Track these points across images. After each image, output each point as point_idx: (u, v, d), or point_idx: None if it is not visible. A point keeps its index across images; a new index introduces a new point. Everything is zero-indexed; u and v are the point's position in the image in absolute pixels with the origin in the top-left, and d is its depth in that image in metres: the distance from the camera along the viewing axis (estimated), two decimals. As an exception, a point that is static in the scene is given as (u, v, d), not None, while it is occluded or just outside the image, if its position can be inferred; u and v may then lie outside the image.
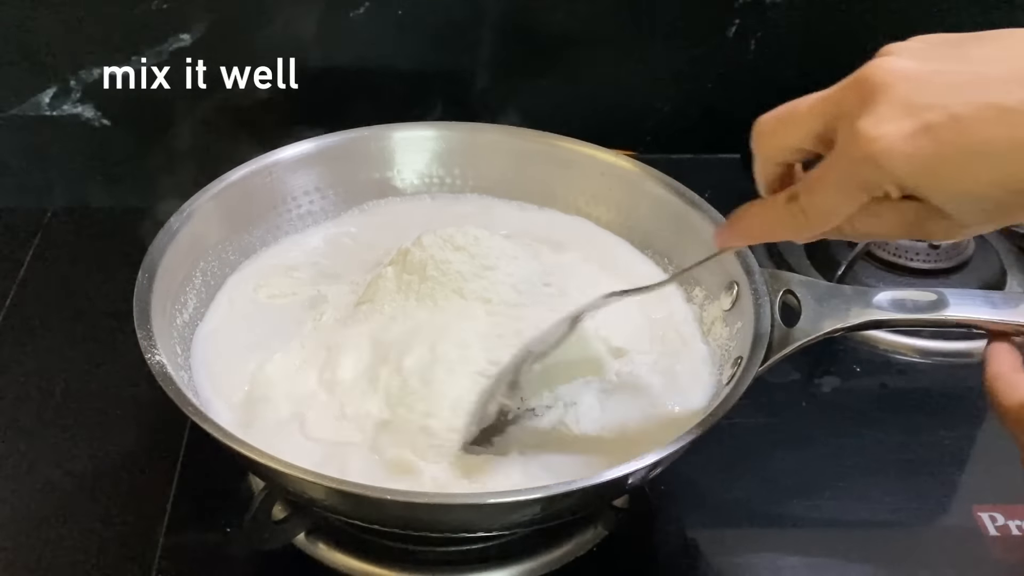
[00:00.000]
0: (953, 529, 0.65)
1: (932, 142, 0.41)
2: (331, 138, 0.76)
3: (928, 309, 0.58)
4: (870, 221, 0.46)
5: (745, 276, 0.64)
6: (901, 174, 0.42)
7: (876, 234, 0.47)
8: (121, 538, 0.62)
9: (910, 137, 0.41)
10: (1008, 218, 0.44)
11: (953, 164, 0.41)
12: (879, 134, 0.42)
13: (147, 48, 0.86)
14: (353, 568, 0.60)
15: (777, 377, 0.73)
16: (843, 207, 0.45)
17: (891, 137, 0.42)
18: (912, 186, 0.43)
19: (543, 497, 0.51)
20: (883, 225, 0.46)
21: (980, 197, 0.42)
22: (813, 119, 0.46)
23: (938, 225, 0.45)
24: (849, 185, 0.44)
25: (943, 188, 0.42)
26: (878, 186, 0.43)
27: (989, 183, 0.42)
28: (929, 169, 0.42)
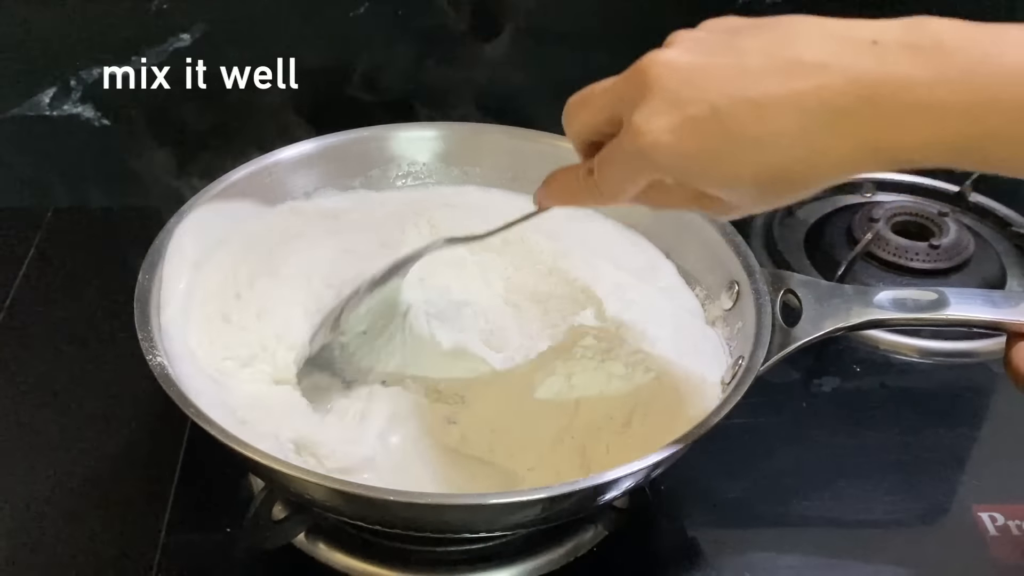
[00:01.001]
0: (953, 529, 0.65)
1: (694, 135, 0.44)
2: (331, 138, 0.76)
3: (929, 308, 0.58)
4: (659, 197, 0.49)
5: (746, 276, 0.64)
6: (668, 165, 0.45)
7: (668, 206, 0.51)
8: (121, 538, 0.62)
9: (674, 130, 0.44)
10: (776, 201, 0.47)
11: (714, 156, 0.44)
12: (647, 128, 0.44)
13: (147, 48, 0.86)
14: (353, 568, 0.60)
15: (777, 377, 0.73)
16: (628, 187, 0.48)
17: (657, 131, 0.44)
18: (680, 177, 0.46)
19: (544, 498, 0.51)
20: (670, 200, 0.50)
21: (741, 183, 0.45)
22: (603, 105, 0.49)
23: (714, 205, 0.48)
24: (628, 171, 0.47)
25: (707, 178, 0.45)
26: (651, 172, 0.46)
27: (749, 174, 0.44)
28: (693, 161, 0.44)
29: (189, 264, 0.66)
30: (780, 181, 0.45)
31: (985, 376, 0.77)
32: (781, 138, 0.43)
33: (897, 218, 0.86)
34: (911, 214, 0.87)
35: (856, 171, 0.44)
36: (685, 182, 0.46)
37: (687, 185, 0.47)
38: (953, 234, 0.84)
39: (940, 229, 0.85)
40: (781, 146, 0.43)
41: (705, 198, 0.48)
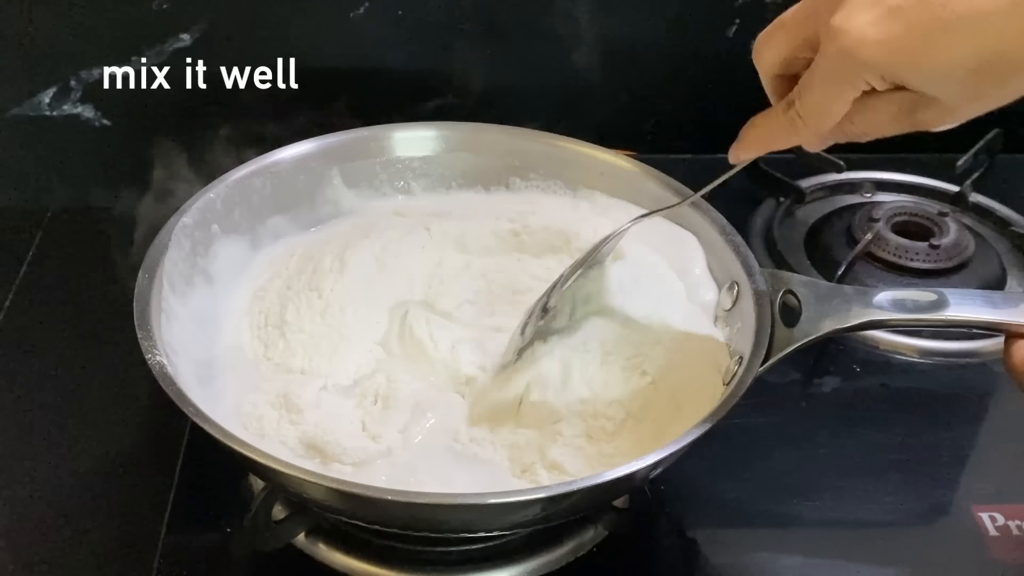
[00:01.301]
0: (953, 529, 0.65)
1: (900, 25, 0.43)
2: (331, 138, 0.76)
3: (928, 309, 0.57)
4: (865, 118, 0.47)
5: (746, 276, 0.64)
6: (876, 62, 0.44)
7: (874, 130, 0.48)
8: (121, 538, 0.62)
9: (879, 23, 0.43)
10: (991, 92, 0.45)
11: (924, 42, 0.43)
12: (850, 26, 0.44)
13: (147, 48, 0.86)
14: (353, 568, 0.60)
15: (777, 377, 0.73)
16: (834, 104, 0.47)
17: (861, 27, 0.43)
18: (890, 72, 0.44)
19: (544, 497, 0.51)
20: (878, 119, 0.47)
21: (956, 72, 0.43)
22: (797, 26, 0.48)
23: (928, 111, 0.46)
24: (834, 81, 0.46)
25: (919, 69, 0.44)
26: (859, 77, 0.45)
27: (962, 56, 0.43)
28: (902, 52, 0.43)
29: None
30: (997, 64, 0.43)
31: (985, 376, 0.77)
32: (993, 15, 0.42)
33: (897, 218, 0.86)
34: (911, 214, 0.87)
35: None
36: (896, 78, 0.45)
37: (899, 81, 0.45)
38: (953, 234, 0.84)
39: (940, 229, 0.85)
40: (993, 23, 0.42)
41: (918, 107, 0.46)
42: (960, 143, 0.92)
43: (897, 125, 0.48)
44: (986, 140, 0.93)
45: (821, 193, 0.93)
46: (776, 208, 0.90)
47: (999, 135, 0.93)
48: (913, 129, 0.48)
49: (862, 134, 0.49)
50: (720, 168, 0.59)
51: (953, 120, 0.47)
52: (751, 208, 0.91)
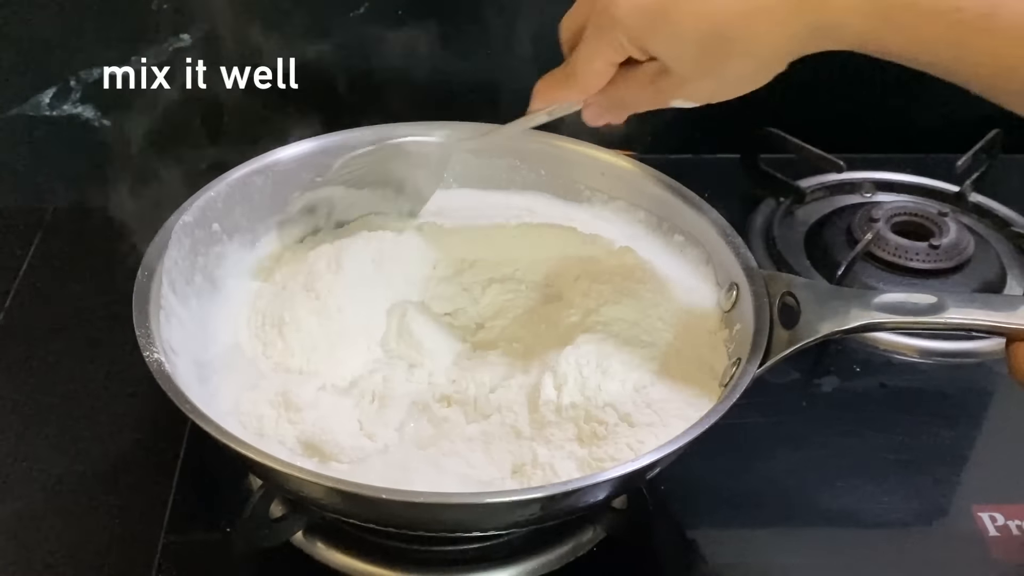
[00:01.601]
0: (953, 529, 0.65)
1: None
2: (331, 138, 0.76)
3: (928, 312, 0.57)
4: (625, 86, 0.56)
5: (745, 277, 0.64)
6: (627, 21, 0.51)
7: (631, 97, 0.57)
8: (121, 538, 0.62)
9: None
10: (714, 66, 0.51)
11: (663, 12, 0.50)
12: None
13: (147, 48, 0.86)
14: (352, 567, 0.60)
15: (777, 377, 0.73)
16: (597, 61, 0.55)
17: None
18: (636, 35, 0.52)
19: (541, 497, 0.51)
20: (633, 87, 0.55)
21: (685, 43, 0.51)
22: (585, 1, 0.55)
23: (668, 82, 0.54)
24: (595, 37, 0.54)
25: (657, 35, 0.51)
26: (613, 35, 0.52)
27: (690, 28, 0.50)
28: (647, 17, 0.51)
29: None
30: (719, 39, 0.50)
31: (985, 376, 0.77)
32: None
33: (897, 218, 0.86)
34: (911, 214, 0.87)
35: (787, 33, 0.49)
36: (641, 42, 0.52)
37: (643, 45, 0.52)
38: (953, 234, 0.84)
39: (940, 229, 0.85)
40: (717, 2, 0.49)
41: (660, 76, 0.53)
42: (960, 143, 0.92)
43: (647, 95, 0.56)
44: (986, 140, 0.92)
45: (821, 193, 0.93)
46: (776, 208, 0.90)
47: (999, 135, 0.93)
48: (660, 102, 0.56)
49: (622, 102, 0.57)
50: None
51: (692, 96, 0.55)
52: (751, 208, 0.91)
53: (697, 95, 0.55)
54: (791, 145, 0.91)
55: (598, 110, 0.59)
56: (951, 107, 0.98)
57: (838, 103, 0.91)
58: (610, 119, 0.60)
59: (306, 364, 0.63)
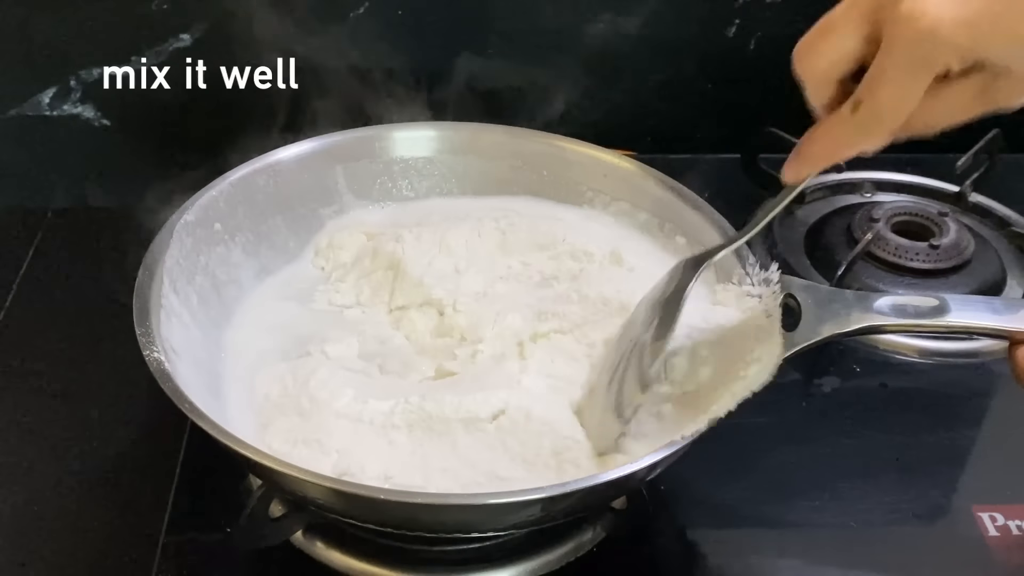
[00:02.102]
0: (953, 529, 0.65)
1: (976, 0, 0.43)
2: (332, 138, 0.76)
3: (929, 315, 0.57)
4: (938, 106, 0.46)
5: (745, 279, 0.64)
6: (958, 39, 0.43)
7: (948, 118, 0.47)
8: (121, 538, 0.62)
9: (957, 2, 0.43)
10: None
11: (1004, 13, 0.43)
12: (925, 8, 0.43)
13: (147, 48, 0.86)
14: (351, 567, 0.60)
15: (777, 377, 0.73)
16: (909, 95, 0.45)
17: (937, 7, 0.43)
18: (970, 48, 0.44)
19: (542, 498, 0.51)
20: (952, 105, 0.47)
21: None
22: (853, 21, 0.47)
23: (1005, 86, 0.46)
24: (910, 69, 0.45)
25: (1000, 41, 0.44)
26: (938, 60, 0.44)
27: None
28: (984, 25, 0.43)
29: None
30: None
31: (985, 376, 0.77)
32: None
33: (897, 218, 0.86)
34: (911, 214, 0.87)
35: None
36: (978, 54, 0.44)
37: (981, 57, 0.44)
38: (953, 234, 0.84)
39: (940, 229, 0.85)
40: None
41: (992, 84, 0.46)
42: (960, 143, 0.92)
43: (971, 109, 0.47)
44: (986, 140, 0.92)
45: (821, 193, 0.93)
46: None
47: (999, 135, 0.93)
48: (988, 110, 0.47)
49: (932, 125, 0.48)
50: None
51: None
52: (751, 208, 0.91)
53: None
54: (791, 145, 0.90)
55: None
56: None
57: (838, 103, 0.91)
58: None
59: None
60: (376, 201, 0.77)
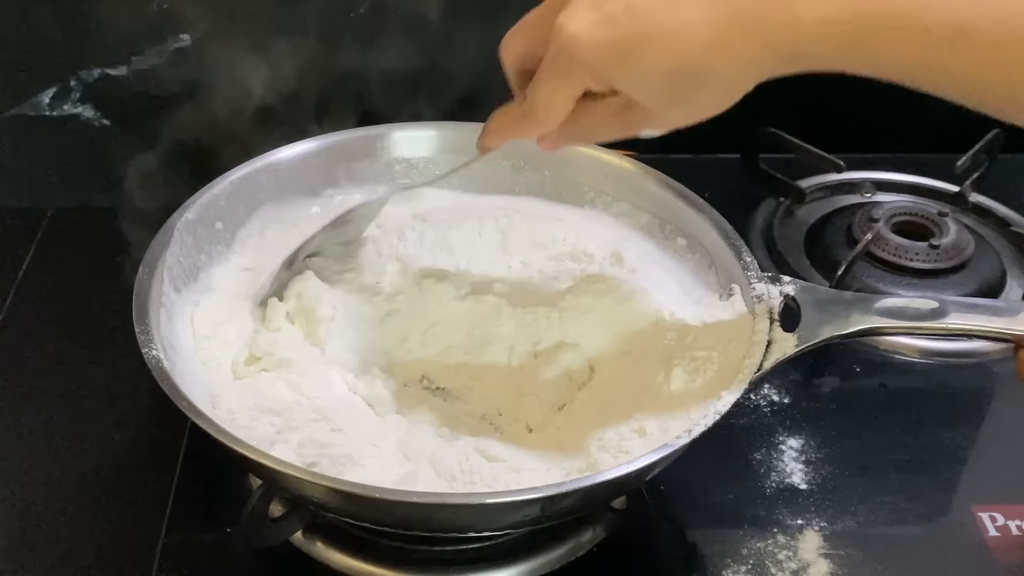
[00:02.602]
0: (953, 529, 0.65)
1: (611, 27, 0.47)
2: (332, 137, 0.76)
3: (929, 317, 0.57)
4: (586, 119, 0.52)
5: (746, 280, 0.64)
6: (588, 61, 0.48)
7: (594, 130, 0.53)
8: (121, 538, 0.62)
9: (595, 26, 0.47)
10: (685, 99, 0.49)
11: (628, 48, 0.47)
12: (570, 25, 0.48)
13: (147, 48, 0.86)
14: (351, 567, 0.60)
15: (777, 377, 0.73)
16: (555, 98, 0.51)
17: (578, 27, 0.47)
18: (599, 72, 0.49)
19: (541, 498, 0.51)
20: (596, 120, 0.52)
21: (652, 77, 0.48)
22: (533, 25, 0.52)
23: (634, 114, 0.51)
24: (554, 76, 0.50)
25: (624, 73, 0.48)
26: (574, 74, 0.49)
27: (657, 62, 0.47)
28: (610, 55, 0.48)
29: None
30: (687, 72, 0.47)
31: (985, 376, 0.77)
32: (689, 26, 0.46)
33: (897, 218, 0.86)
34: (911, 214, 0.87)
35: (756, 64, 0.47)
36: (605, 79, 0.49)
37: (607, 82, 0.49)
38: (953, 234, 0.84)
39: (940, 229, 0.85)
40: (688, 34, 0.46)
41: (626, 110, 0.50)
42: (960, 143, 0.92)
43: (612, 128, 0.52)
44: (986, 140, 0.92)
45: (821, 193, 0.93)
46: (776, 208, 0.90)
47: (999, 135, 0.93)
48: (626, 133, 0.53)
49: (584, 134, 0.54)
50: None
51: (660, 125, 0.52)
52: (751, 208, 0.91)
53: (665, 124, 0.52)
54: (791, 145, 0.91)
55: (556, 141, 0.55)
56: (951, 107, 0.98)
57: (838, 103, 0.91)
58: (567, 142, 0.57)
59: None
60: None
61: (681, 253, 0.72)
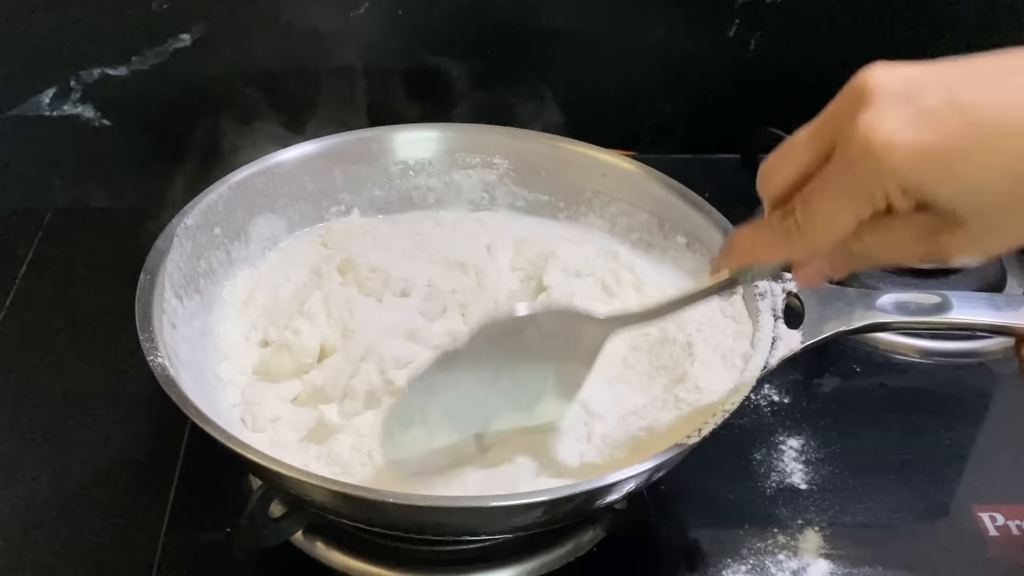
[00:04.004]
0: (953, 529, 0.65)
1: (935, 130, 0.38)
2: (332, 139, 0.76)
3: (932, 312, 0.58)
4: (877, 238, 0.43)
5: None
6: (904, 170, 0.39)
7: (887, 253, 0.44)
8: (121, 538, 0.62)
9: (911, 127, 0.38)
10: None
11: (960, 152, 0.38)
12: (878, 127, 0.39)
13: (147, 48, 0.86)
14: (352, 567, 0.60)
15: (777, 377, 0.73)
16: (841, 216, 0.42)
17: (889, 128, 0.39)
18: (916, 183, 0.39)
19: (544, 501, 0.51)
20: (891, 241, 0.42)
21: (991, 189, 0.39)
22: (812, 139, 0.43)
23: (953, 237, 0.41)
24: (848, 190, 0.41)
25: (950, 181, 0.39)
26: (879, 188, 0.40)
27: (1002, 167, 0.38)
28: (934, 161, 0.38)
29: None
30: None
31: (985, 376, 0.77)
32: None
33: (897, 218, 0.86)
34: (911, 214, 0.86)
35: None
36: (923, 191, 0.39)
37: (925, 195, 0.40)
38: (953, 234, 0.84)
39: (940, 229, 0.84)
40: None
41: (942, 231, 0.41)
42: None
43: (913, 251, 0.43)
44: (986, 140, 0.92)
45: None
46: (776, 208, 0.90)
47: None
48: (931, 259, 0.43)
49: (870, 257, 0.44)
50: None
51: (978, 252, 0.42)
52: (751, 208, 0.90)
53: (991, 250, 0.42)
54: (791, 145, 0.91)
55: (824, 269, 0.46)
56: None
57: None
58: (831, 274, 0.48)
59: None
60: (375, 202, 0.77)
61: (682, 251, 0.72)
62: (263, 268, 0.72)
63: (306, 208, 0.75)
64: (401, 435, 0.55)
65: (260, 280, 0.70)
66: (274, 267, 0.72)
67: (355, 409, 0.59)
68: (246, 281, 0.70)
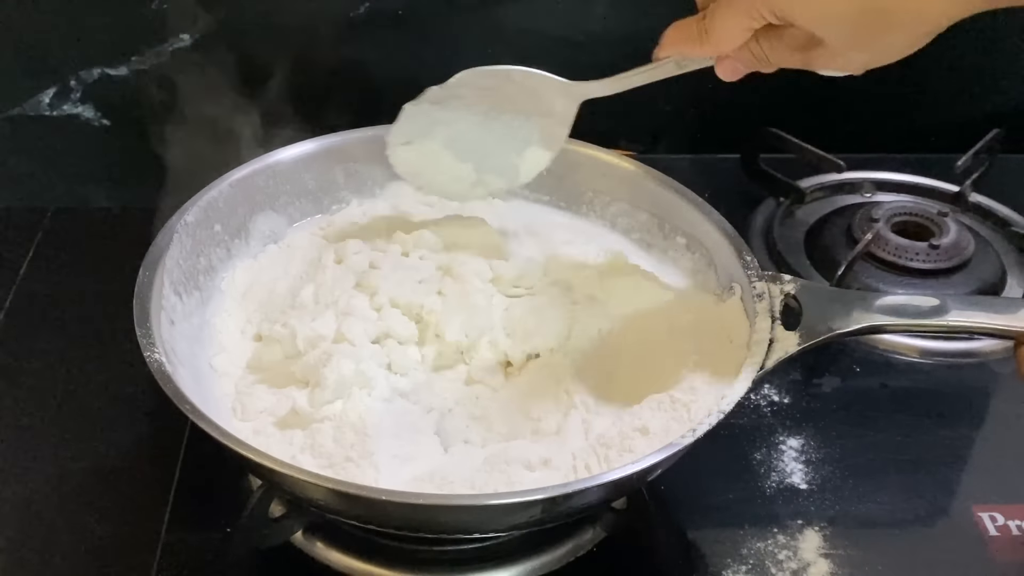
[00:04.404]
0: (953, 529, 0.65)
1: None
2: (332, 138, 0.76)
3: (929, 315, 0.58)
4: (768, 46, 0.54)
5: (747, 279, 0.64)
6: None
7: (775, 56, 0.54)
8: (121, 538, 0.62)
9: None
10: (871, 41, 0.49)
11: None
12: None
13: (147, 48, 0.86)
14: (351, 567, 0.61)
15: (777, 377, 0.73)
16: (734, 30, 0.53)
17: None
18: (780, 10, 0.50)
19: (542, 499, 0.51)
20: (777, 49, 0.53)
21: (837, 17, 0.48)
22: None
23: (817, 53, 0.52)
24: (737, 8, 0.52)
25: (805, 11, 0.49)
26: (753, 9, 0.51)
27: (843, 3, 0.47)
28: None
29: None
30: (876, 15, 0.47)
31: (985, 376, 0.77)
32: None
33: (897, 218, 0.86)
34: (911, 214, 0.87)
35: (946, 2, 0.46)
36: (786, 16, 0.50)
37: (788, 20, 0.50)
38: (953, 234, 0.84)
39: (940, 229, 0.85)
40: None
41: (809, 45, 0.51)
42: (960, 143, 0.92)
43: (792, 62, 0.54)
44: (986, 140, 0.93)
45: (821, 193, 0.93)
46: (776, 208, 0.90)
47: (999, 135, 0.93)
48: (807, 66, 0.53)
49: (763, 60, 0.55)
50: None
51: (842, 66, 0.52)
52: (751, 208, 0.91)
53: (848, 66, 0.52)
54: (791, 145, 0.91)
55: (735, 66, 0.56)
56: (951, 107, 0.98)
57: (838, 103, 0.91)
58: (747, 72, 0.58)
59: None
60: (375, 201, 0.77)
61: (682, 252, 0.72)
62: (262, 260, 0.72)
63: (307, 206, 0.75)
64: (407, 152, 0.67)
65: (259, 273, 0.70)
66: (273, 259, 0.72)
67: (324, 398, 0.59)
68: (245, 272, 0.70)
